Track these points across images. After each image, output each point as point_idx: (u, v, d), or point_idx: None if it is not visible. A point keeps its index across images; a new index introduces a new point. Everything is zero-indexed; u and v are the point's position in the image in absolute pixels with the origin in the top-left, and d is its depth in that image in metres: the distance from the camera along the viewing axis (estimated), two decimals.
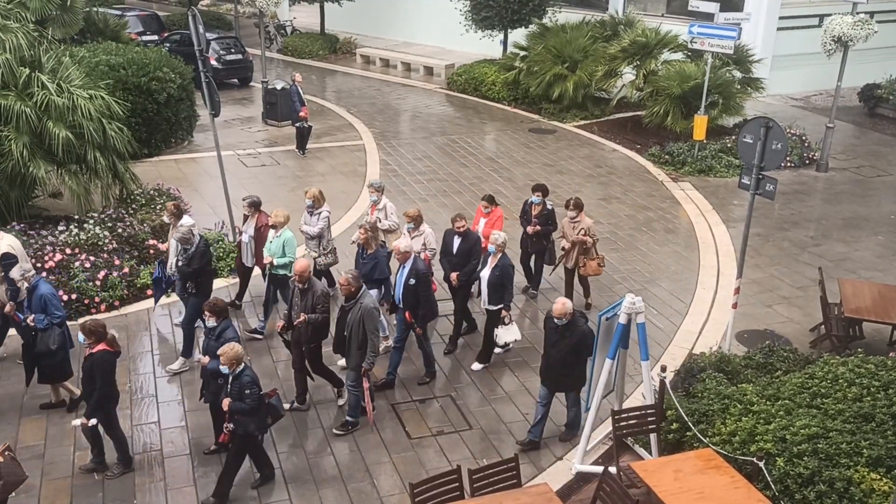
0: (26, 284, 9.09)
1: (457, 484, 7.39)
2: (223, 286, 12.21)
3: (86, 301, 11.30)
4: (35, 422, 9.17)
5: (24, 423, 9.19)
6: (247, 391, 7.65)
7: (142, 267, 12.18)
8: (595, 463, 8.74)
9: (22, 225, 12.38)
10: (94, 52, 17.52)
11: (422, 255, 10.60)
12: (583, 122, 21.91)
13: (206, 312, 8.47)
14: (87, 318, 8.89)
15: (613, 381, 8.71)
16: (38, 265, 11.43)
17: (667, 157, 18.86)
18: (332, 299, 10.32)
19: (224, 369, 7.73)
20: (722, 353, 10.06)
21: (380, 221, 11.38)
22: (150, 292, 11.55)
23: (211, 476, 8.32)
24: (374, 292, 10.24)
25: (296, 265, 9.23)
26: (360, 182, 17.12)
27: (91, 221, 12.70)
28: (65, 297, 11.11)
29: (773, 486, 7.44)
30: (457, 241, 10.65)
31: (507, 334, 10.21)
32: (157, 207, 13.74)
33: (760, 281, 13.15)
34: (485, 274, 10.12)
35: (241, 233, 11.57)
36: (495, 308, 10.12)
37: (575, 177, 17.93)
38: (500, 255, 10.02)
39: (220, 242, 13.05)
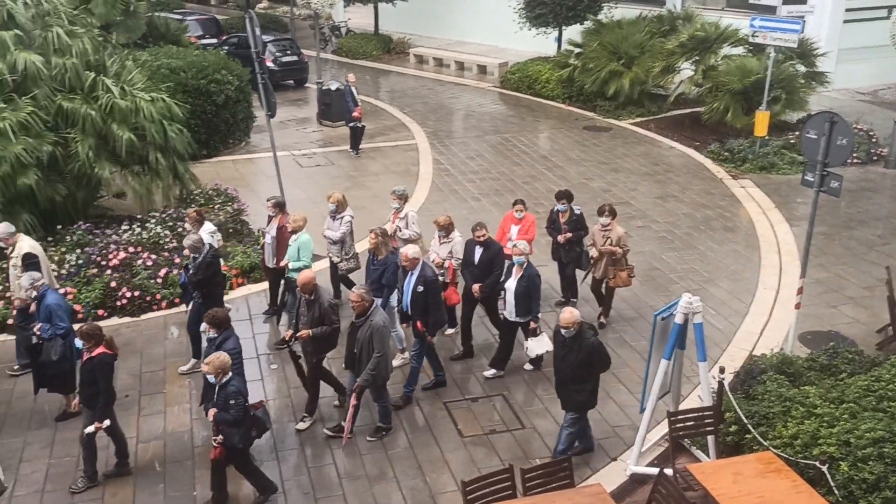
0: (34, 293, 9.11)
1: (509, 483, 7.34)
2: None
3: (147, 298, 11.58)
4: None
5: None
6: (231, 401, 7.48)
7: None
8: (650, 464, 8.59)
9: (88, 224, 12.76)
10: (155, 55, 17.97)
11: (447, 263, 10.49)
12: (639, 120, 21.59)
13: (207, 324, 8.41)
14: (83, 323, 8.75)
15: (669, 382, 8.55)
16: (103, 263, 11.79)
17: (727, 154, 18.44)
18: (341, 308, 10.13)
19: (210, 378, 7.59)
20: (784, 354, 9.78)
21: (400, 230, 11.13)
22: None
23: (268, 468, 8.44)
24: (383, 300, 9.93)
25: (299, 277, 9.00)
26: (413, 181, 17.18)
27: (153, 221, 13.03)
28: (128, 294, 11.44)
29: (836, 492, 7.20)
30: (478, 252, 10.29)
31: (538, 346, 9.86)
32: (216, 207, 14.02)
33: (825, 281, 12.76)
34: (510, 285, 9.77)
35: (264, 234, 11.53)
36: (523, 320, 9.84)
37: (630, 175, 17.67)
38: (525, 265, 9.72)
39: None
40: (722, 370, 8.67)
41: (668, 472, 7.67)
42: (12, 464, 8.67)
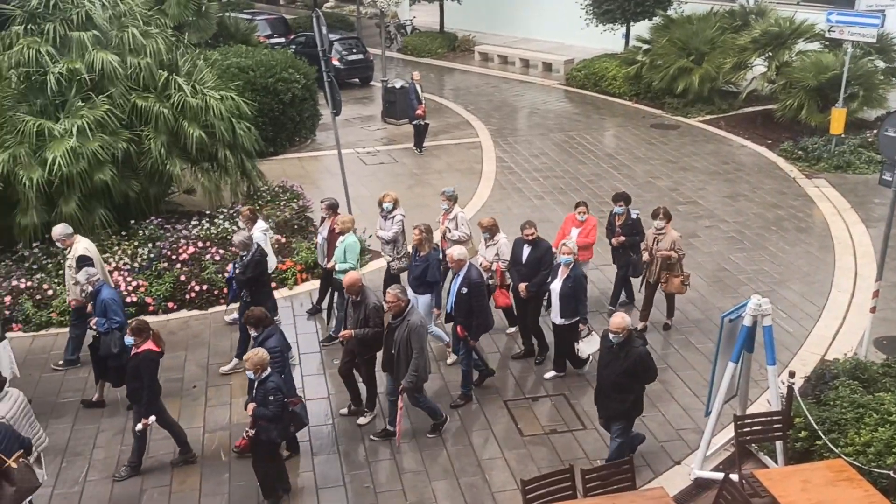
0: (90, 288, 9.35)
1: (569, 483, 7.26)
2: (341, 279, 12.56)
3: (215, 292, 11.85)
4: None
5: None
6: (270, 397, 7.52)
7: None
8: (715, 469, 8.38)
9: (159, 219, 13.13)
10: (225, 55, 18.37)
11: (494, 265, 10.34)
12: (709, 117, 21.10)
13: (247, 325, 8.45)
14: (134, 318, 8.88)
15: (737, 385, 8.33)
16: (174, 257, 12.12)
17: (800, 152, 17.87)
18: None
19: (249, 374, 7.65)
20: (857, 359, 9.42)
21: (449, 231, 10.99)
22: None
23: (329, 461, 8.55)
24: (426, 298, 9.98)
25: (345, 278, 8.99)
26: (476, 180, 17.16)
27: (221, 216, 13.32)
28: (196, 288, 11.73)
29: None
30: (526, 251, 10.07)
31: (588, 346, 9.58)
32: (281, 204, 14.26)
33: None
34: (556, 286, 9.51)
35: (317, 234, 11.60)
36: (568, 322, 9.56)
37: (699, 174, 17.28)
38: (571, 266, 9.46)
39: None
40: (792, 374, 8.39)
41: (734, 477, 7.47)
42: (86, 449, 9.01)
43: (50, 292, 11.38)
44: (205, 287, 11.81)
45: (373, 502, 8.14)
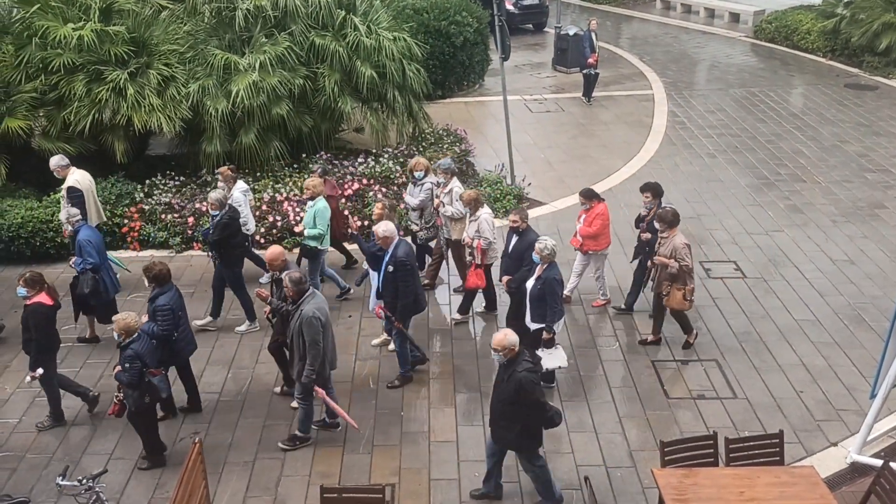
0: (70, 228, 9.34)
1: (711, 450, 7.04)
2: (497, 226, 12.62)
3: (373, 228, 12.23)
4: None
5: None
6: (126, 364, 7.38)
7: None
8: (876, 455, 7.80)
9: (328, 155, 13.67)
10: None
11: (474, 242, 9.71)
12: None
13: (145, 277, 8.20)
14: (28, 270, 8.47)
15: None
16: (339, 192, 12.60)
17: None
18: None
19: (115, 336, 7.51)
20: None
21: (443, 206, 10.32)
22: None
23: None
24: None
25: (268, 251, 8.52)
26: (645, 133, 16.58)
27: (385, 156, 13.68)
28: (358, 223, 12.15)
29: None
30: (513, 240, 9.25)
31: (550, 359, 8.46)
32: (444, 147, 14.43)
33: None
34: (529, 285, 8.57)
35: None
36: (537, 327, 8.56)
37: (894, 139, 15.78)
38: (546, 266, 8.42)
39: (499, 184, 13.42)
40: None
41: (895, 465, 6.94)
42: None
43: None
44: (366, 223, 12.21)
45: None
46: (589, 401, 8.83)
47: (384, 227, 8.78)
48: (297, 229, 10.87)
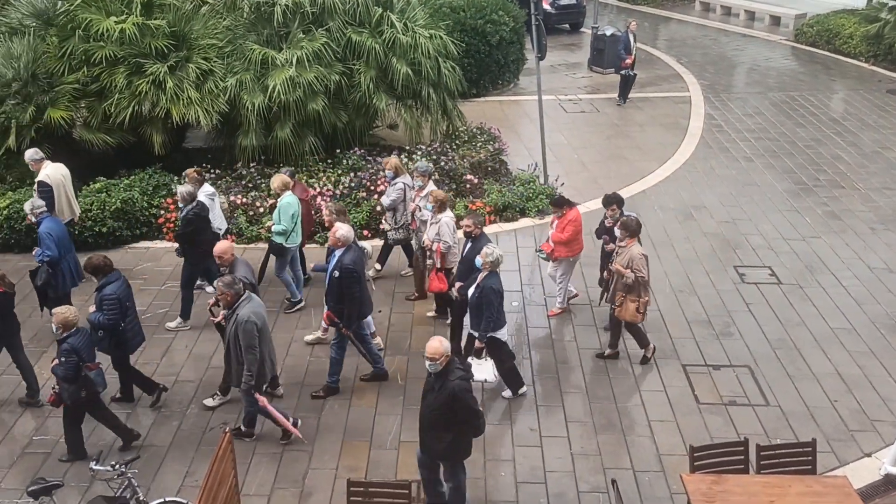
0: (33, 219, 9.35)
1: (742, 457, 6.95)
2: (528, 225, 12.61)
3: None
4: None
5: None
6: (62, 358, 7.42)
7: (457, 199, 12.91)
8: None
9: (362, 151, 13.73)
10: None
11: (434, 246, 9.57)
12: None
13: (86, 271, 8.25)
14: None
15: None
16: (372, 188, 12.67)
17: None
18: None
19: (53, 328, 7.58)
20: None
21: (419, 210, 10.22)
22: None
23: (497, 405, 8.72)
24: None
25: (216, 246, 8.38)
26: (681, 135, 16.43)
27: (419, 153, 13.69)
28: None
29: None
30: (467, 246, 9.10)
31: (479, 371, 8.32)
32: (478, 145, 14.42)
33: None
34: (470, 292, 8.48)
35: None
36: (476, 335, 8.49)
37: None
38: (486, 274, 8.29)
39: (532, 183, 13.38)
40: None
41: None
42: None
43: (262, 209, 12.31)
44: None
45: (537, 445, 8.23)
46: (618, 403, 8.77)
47: (343, 231, 8.56)
48: (267, 225, 10.84)
